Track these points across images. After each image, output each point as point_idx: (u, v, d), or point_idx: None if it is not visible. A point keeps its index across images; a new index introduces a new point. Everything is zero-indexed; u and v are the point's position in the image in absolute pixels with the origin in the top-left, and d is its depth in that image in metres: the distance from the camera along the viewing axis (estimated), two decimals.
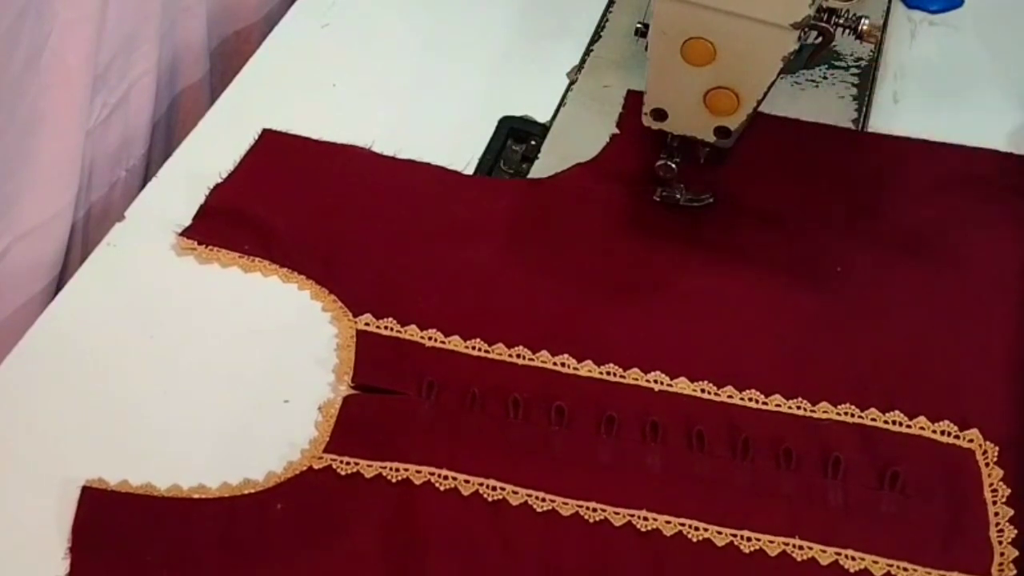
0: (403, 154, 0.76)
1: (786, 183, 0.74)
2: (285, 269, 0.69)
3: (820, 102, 0.79)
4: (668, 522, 0.59)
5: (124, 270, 0.70)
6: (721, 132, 0.67)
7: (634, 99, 0.78)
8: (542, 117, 0.79)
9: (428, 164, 0.75)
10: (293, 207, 0.72)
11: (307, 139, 0.77)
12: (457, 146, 0.77)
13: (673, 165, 0.71)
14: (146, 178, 0.82)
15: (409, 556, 0.57)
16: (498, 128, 0.79)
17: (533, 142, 0.78)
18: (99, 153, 0.79)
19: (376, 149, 0.76)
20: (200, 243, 0.70)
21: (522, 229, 0.72)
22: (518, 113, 0.79)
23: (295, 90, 0.81)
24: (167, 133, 0.88)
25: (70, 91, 0.72)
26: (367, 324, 0.66)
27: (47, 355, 0.65)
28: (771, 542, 0.58)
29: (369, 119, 0.78)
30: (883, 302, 0.68)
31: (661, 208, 0.72)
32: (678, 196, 0.72)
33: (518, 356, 0.65)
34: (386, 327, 0.66)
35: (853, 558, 0.57)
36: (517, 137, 0.79)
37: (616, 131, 0.77)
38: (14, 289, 0.72)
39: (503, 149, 0.78)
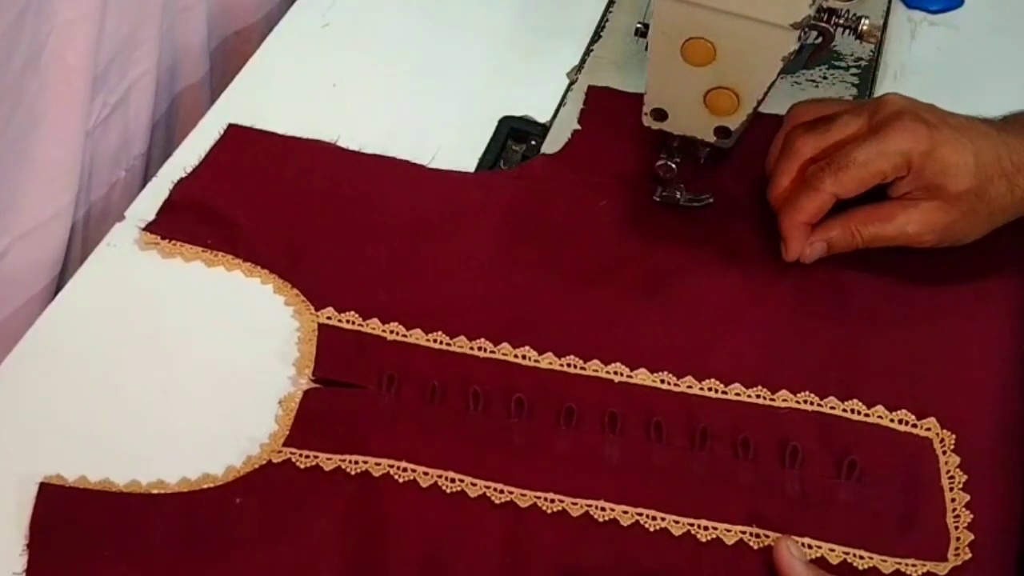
0: (403, 154, 0.76)
1: None
2: (248, 264, 0.69)
3: None
4: (625, 512, 0.59)
5: (124, 270, 0.70)
6: (721, 132, 0.67)
7: (594, 95, 0.79)
8: (542, 117, 0.79)
9: (394, 158, 0.75)
10: (258, 201, 0.72)
11: (272, 133, 0.76)
12: (457, 146, 0.77)
13: (673, 165, 0.71)
14: (146, 178, 0.81)
15: (368, 548, 0.57)
16: (498, 128, 0.78)
17: (533, 142, 0.78)
18: (99, 153, 0.79)
19: (376, 149, 0.76)
20: (163, 238, 0.70)
21: (487, 222, 0.72)
22: (518, 113, 0.79)
23: (295, 90, 0.81)
24: (167, 133, 0.88)
25: (70, 91, 0.72)
26: (329, 318, 0.66)
27: (47, 355, 0.65)
28: (728, 531, 0.58)
29: (369, 119, 0.78)
30: (848, 294, 0.68)
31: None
32: (678, 196, 0.72)
33: (479, 349, 0.65)
34: (348, 321, 0.66)
35: (810, 546, 0.58)
36: (517, 137, 0.79)
37: (577, 127, 0.77)
38: (14, 289, 0.72)
39: (503, 149, 0.78)
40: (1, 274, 0.71)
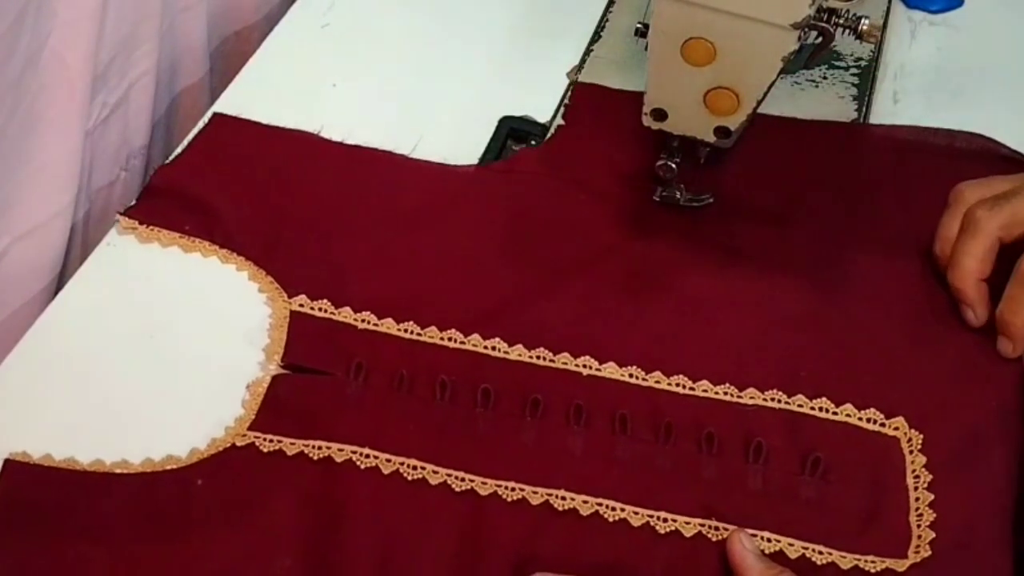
0: (402, 153, 0.76)
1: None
2: (225, 250, 0.70)
3: (820, 102, 0.79)
4: (585, 502, 0.59)
5: (124, 270, 0.70)
6: (721, 132, 0.67)
7: (579, 91, 0.79)
8: (542, 117, 0.79)
9: (375, 149, 0.76)
10: (237, 189, 0.72)
11: (256, 123, 0.77)
12: (457, 146, 0.77)
13: (673, 165, 0.71)
14: (146, 178, 0.81)
15: (327, 532, 0.58)
16: (498, 128, 0.78)
17: (533, 142, 0.78)
18: (99, 153, 0.79)
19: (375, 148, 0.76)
20: (141, 223, 0.71)
21: (464, 214, 0.72)
22: (518, 113, 0.79)
23: (295, 90, 0.81)
24: (167, 133, 0.88)
25: (70, 91, 0.72)
26: (301, 305, 0.67)
27: (47, 355, 0.65)
28: (687, 523, 0.58)
29: (369, 119, 0.78)
30: (821, 294, 0.68)
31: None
32: (678, 196, 0.72)
33: (449, 339, 0.65)
34: (320, 309, 0.67)
35: (768, 539, 0.58)
36: (517, 137, 0.79)
37: (562, 123, 0.77)
38: (14, 289, 0.72)
39: (503, 149, 0.78)
40: (1, 274, 0.71)
